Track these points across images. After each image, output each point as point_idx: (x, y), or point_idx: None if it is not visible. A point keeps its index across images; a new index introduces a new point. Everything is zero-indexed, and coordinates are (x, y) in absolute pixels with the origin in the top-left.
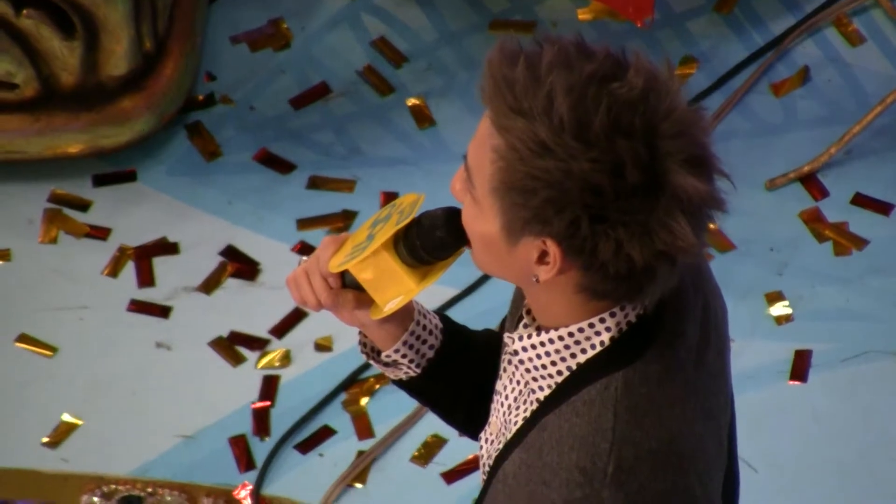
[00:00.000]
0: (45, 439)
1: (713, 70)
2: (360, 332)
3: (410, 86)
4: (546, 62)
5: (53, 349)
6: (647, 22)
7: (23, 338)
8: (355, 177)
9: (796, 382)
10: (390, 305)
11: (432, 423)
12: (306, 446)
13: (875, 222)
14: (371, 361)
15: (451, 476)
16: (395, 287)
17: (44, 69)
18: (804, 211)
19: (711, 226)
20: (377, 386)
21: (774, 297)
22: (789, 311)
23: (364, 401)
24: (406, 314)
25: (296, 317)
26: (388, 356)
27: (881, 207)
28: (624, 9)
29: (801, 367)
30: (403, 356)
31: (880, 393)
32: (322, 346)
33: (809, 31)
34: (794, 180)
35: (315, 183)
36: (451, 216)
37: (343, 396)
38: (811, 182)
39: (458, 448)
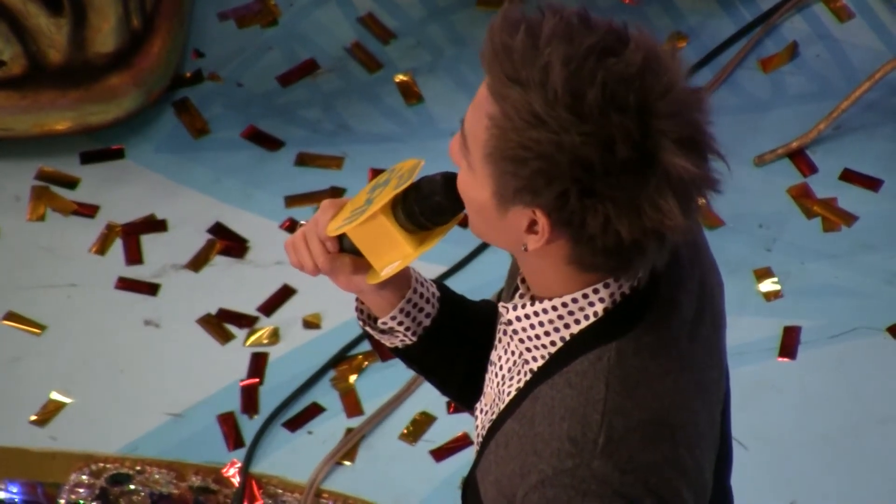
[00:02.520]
0: (34, 417)
1: (702, 46)
2: (356, 299)
3: (398, 62)
4: (546, 32)
5: (41, 327)
6: None
7: (11, 316)
8: (343, 153)
9: (785, 359)
10: (387, 270)
11: (421, 401)
12: (295, 424)
13: (864, 198)
14: (367, 328)
15: (440, 453)
16: (392, 252)
17: (31, 46)
18: (793, 187)
19: (701, 201)
20: (366, 363)
21: (763, 274)
22: (778, 287)
23: (353, 378)
24: (403, 281)
25: (284, 294)
26: (384, 323)
27: (870, 183)
28: None
29: (789, 343)
30: (400, 323)
31: (869, 369)
32: (310, 324)
33: (798, 6)
34: (782, 156)
35: (303, 160)
36: (450, 181)
37: (332, 374)
38: (800, 158)
39: (446, 426)
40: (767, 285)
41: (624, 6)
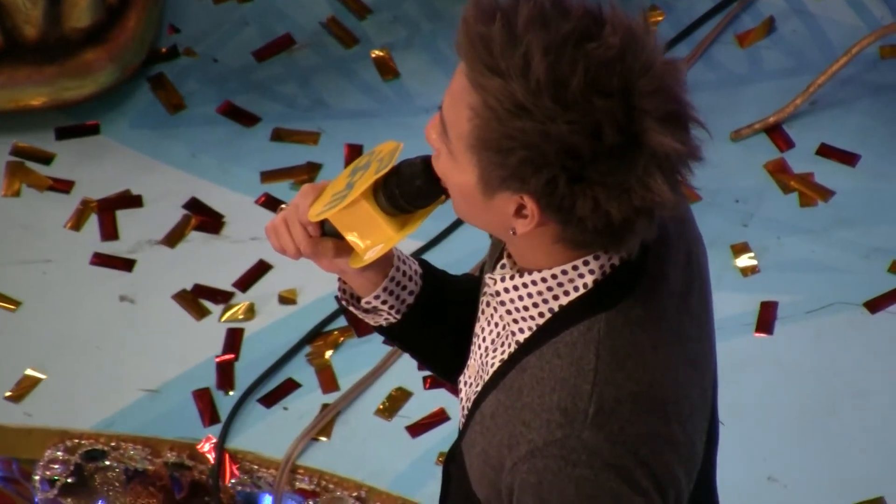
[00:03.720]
0: (8, 393)
1: (678, 20)
2: (339, 279)
3: (375, 37)
4: (522, 20)
5: (17, 303)
6: None
7: None
8: (319, 129)
9: (762, 334)
10: (370, 254)
11: (397, 377)
12: (270, 400)
13: (841, 173)
14: (351, 308)
15: (416, 429)
16: (374, 235)
17: (6, 22)
18: (769, 162)
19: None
20: (342, 339)
21: (740, 249)
22: (755, 262)
23: (328, 354)
24: (385, 260)
25: (260, 270)
26: (367, 303)
27: (847, 158)
28: None
29: (766, 318)
30: (384, 302)
31: (846, 344)
32: (286, 299)
33: None
34: (759, 131)
35: (279, 135)
36: (430, 165)
37: (307, 349)
38: (776, 133)
39: (422, 401)
40: (744, 260)
41: None
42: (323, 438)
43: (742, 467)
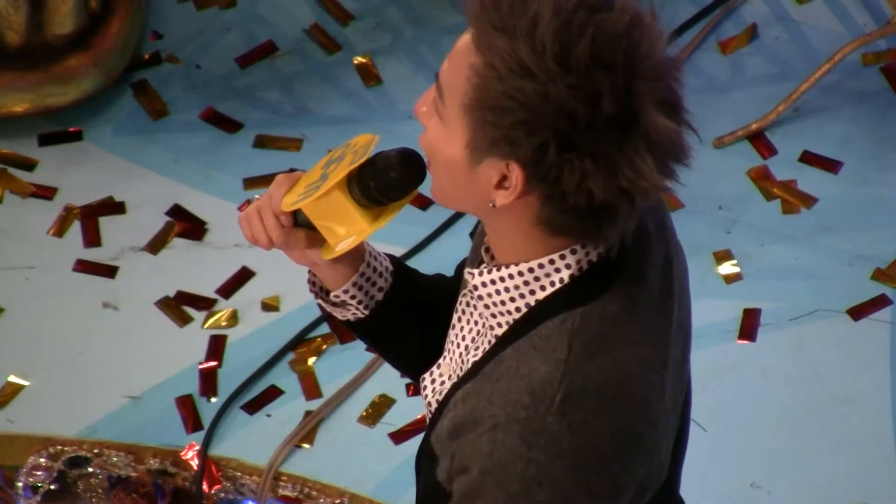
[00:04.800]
0: None
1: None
2: (309, 271)
3: (357, 44)
4: None
5: None
6: None
7: None
8: (302, 135)
9: (745, 341)
10: (342, 245)
11: (380, 384)
12: (254, 406)
13: (823, 180)
14: (320, 301)
15: (399, 436)
16: (347, 227)
17: None
18: (752, 169)
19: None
20: (325, 346)
21: (723, 256)
22: (737, 269)
23: (311, 361)
24: (357, 255)
25: (243, 276)
26: (336, 296)
27: (829, 165)
28: None
29: (749, 325)
30: (353, 297)
31: (829, 351)
32: (269, 306)
33: None
34: (742, 138)
35: (262, 142)
36: (406, 157)
37: (290, 356)
38: (759, 140)
39: (405, 408)
40: (727, 267)
41: None
42: (306, 445)
43: (725, 474)
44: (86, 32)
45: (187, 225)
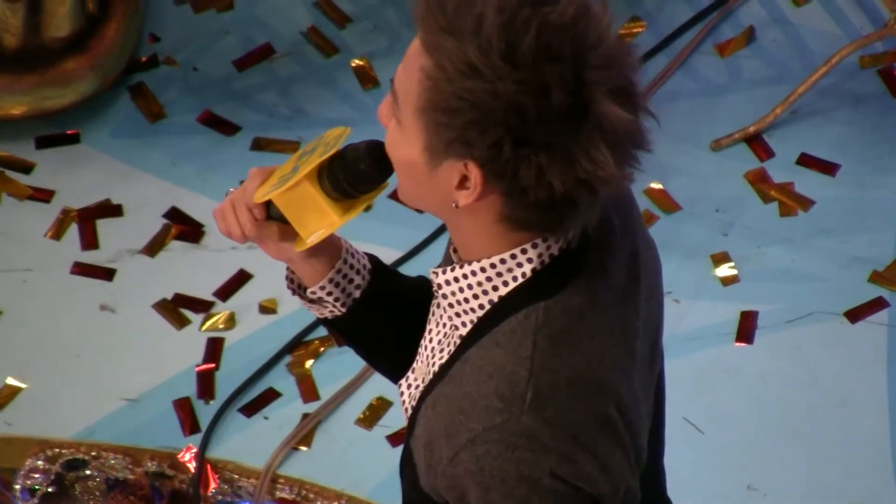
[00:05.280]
0: None
1: (658, 30)
2: (287, 268)
3: (355, 46)
4: None
5: None
6: None
7: None
8: (300, 138)
9: (742, 344)
10: (313, 238)
11: (377, 386)
12: (251, 409)
13: (820, 182)
14: (297, 298)
15: (396, 439)
16: (317, 219)
17: None
18: (749, 171)
19: (638, 164)
20: (322, 349)
21: (720, 258)
22: (735, 272)
23: (309, 363)
24: (334, 251)
25: (240, 279)
26: (312, 293)
27: (826, 167)
28: None
29: (746, 328)
30: (329, 294)
31: (826, 353)
32: (267, 309)
33: None
34: (739, 141)
35: (259, 144)
36: (374, 148)
37: (288, 359)
38: (756, 142)
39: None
40: (724, 270)
41: None
42: (303, 448)
43: (721, 476)
44: (83, 35)
45: (185, 227)
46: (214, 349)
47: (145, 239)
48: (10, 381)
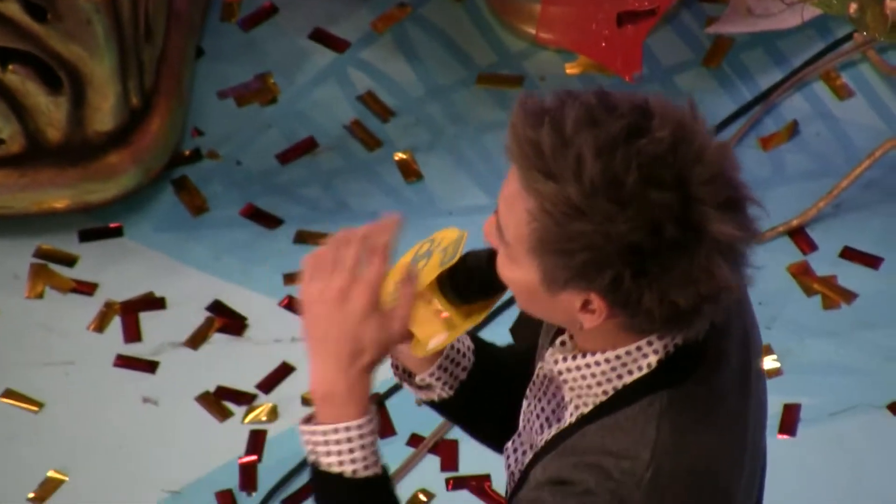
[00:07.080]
0: (31, 495)
1: None
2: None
3: (398, 140)
4: (571, 122)
5: (39, 404)
6: (635, 77)
7: (8, 393)
8: None
9: (785, 436)
10: (433, 343)
11: (420, 479)
12: (294, 501)
13: (864, 275)
14: (403, 383)
15: None
16: (439, 325)
17: (30, 124)
18: (793, 264)
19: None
20: None
21: (763, 351)
22: (778, 364)
23: None
24: None
25: (283, 371)
26: (422, 380)
27: (870, 261)
28: (612, 63)
29: (790, 420)
30: (437, 379)
31: (869, 446)
32: (309, 401)
33: (797, 84)
34: (782, 234)
35: (302, 237)
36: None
37: None
38: (800, 235)
39: (445, 503)
40: (768, 363)
41: (624, 85)
42: None
43: None
44: (126, 129)
45: (227, 320)
46: (257, 441)
47: (188, 332)
48: (52, 473)
